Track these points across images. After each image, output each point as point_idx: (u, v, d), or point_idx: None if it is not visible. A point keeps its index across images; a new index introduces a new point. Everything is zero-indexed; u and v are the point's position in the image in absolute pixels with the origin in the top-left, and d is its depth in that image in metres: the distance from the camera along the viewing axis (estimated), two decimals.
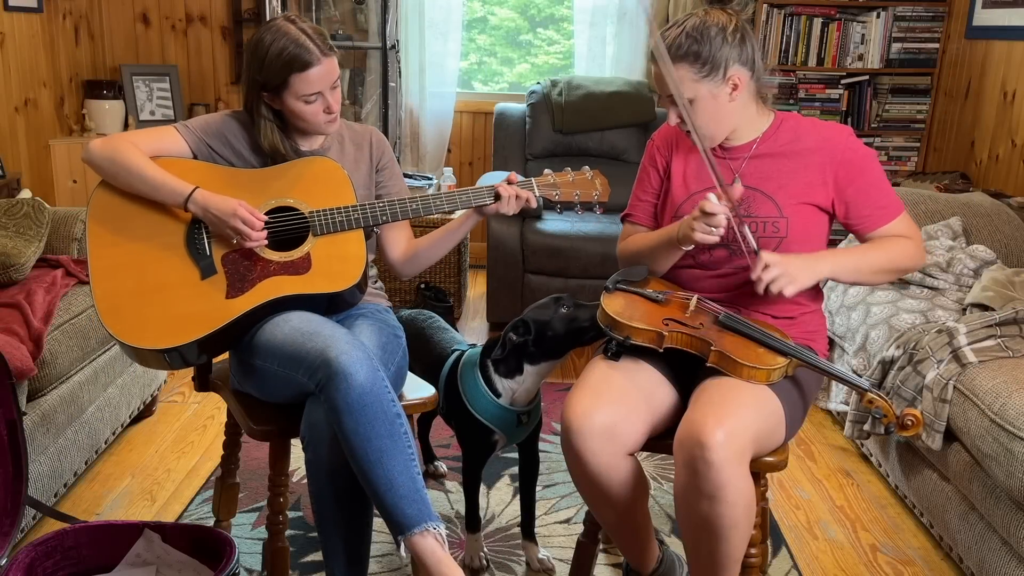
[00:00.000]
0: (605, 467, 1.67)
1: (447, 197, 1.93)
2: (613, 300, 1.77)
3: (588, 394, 1.70)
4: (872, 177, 1.82)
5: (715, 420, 1.56)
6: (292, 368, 1.74)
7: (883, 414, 1.67)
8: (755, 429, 1.61)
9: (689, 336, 1.69)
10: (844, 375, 1.72)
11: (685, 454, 1.58)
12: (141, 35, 4.60)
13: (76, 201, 4.09)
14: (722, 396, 1.62)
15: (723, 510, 1.56)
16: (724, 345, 1.67)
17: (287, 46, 1.83)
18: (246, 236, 1.81)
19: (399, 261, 2.10)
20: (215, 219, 1.83)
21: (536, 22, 5.01)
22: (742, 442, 1.57)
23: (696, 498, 1.58)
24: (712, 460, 1.53)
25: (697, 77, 1.73)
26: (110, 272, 1.85)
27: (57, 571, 1.89)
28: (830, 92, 4.51)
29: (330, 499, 1.75)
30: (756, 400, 1.64)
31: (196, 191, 1.84)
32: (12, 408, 1.94)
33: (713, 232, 1.69)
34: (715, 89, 1.74)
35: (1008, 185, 3.78)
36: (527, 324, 1.98)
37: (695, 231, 1.69)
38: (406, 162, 4.76)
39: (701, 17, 1.74)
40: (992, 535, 2.06)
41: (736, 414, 1.59)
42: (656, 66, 1.76)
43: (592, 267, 3.73)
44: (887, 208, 1.83)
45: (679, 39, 1.72)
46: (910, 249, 1.82)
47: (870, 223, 1.83)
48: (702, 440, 1.54)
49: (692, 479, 1.57)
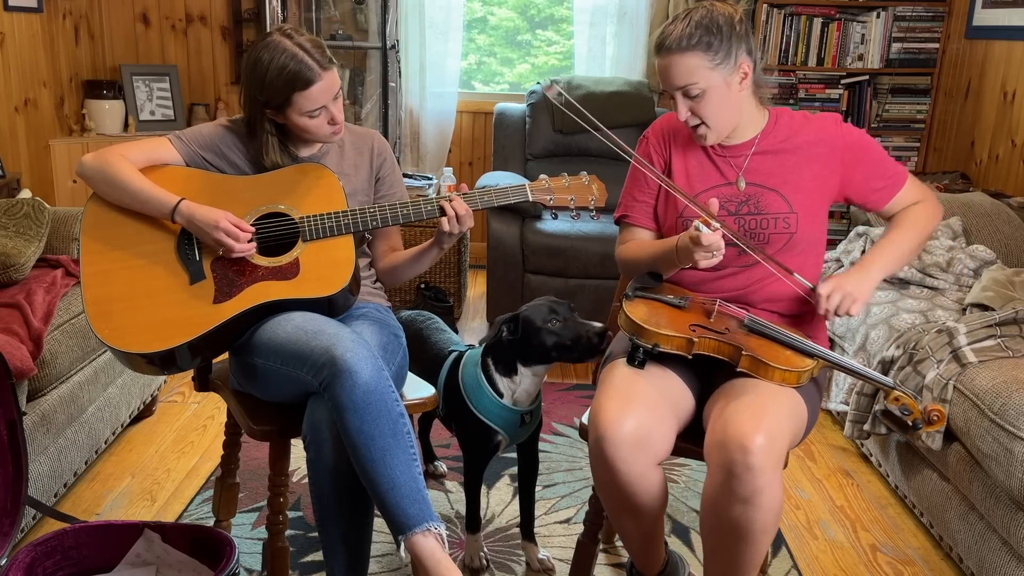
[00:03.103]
0: (636, 476, 1.63)
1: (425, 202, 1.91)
2: (636, 308, 1.74)
3: (617, 401, 1.65)
4: (875, 154, 1.86)
5: (755, 424, 1.53)
6: (295, 366, 1.74)
7: (910, 411, 1.65)
8: (791, 432, 1.60)
9: (718, 342, 1.67)
10: (870, 374, 1.71)
11: (723, 457, 1.54)
12: (141, 35, 4.60)
13: (76, 201, 4.09)
14: (758, 400, 1.60)
15: (756, 515, 1.53)
16: (754, 349, 1.66)
17: (287, 64, 1.83)
18: (230, 248, 1.82)
19: (380, 272, 2.12)
20: (200, 230, 1.83)
21: (536, 22, 5.00)
22: (781, 446, 1.55)
23: (730, 502, 1.55)
24: (753, 464, 1.50)
25: (711, 65, 1.72)
26: (101, 278, 1.86)
27: (57, 571, 1.89)
28: (830, 92, 4.51)
29: (331, 499, 1.75)
30: (790, 403, 1.63)
31: (181, 203, 1.84)
32: (12, 408, 1.94)
33: (714, 256, 1.68)
34: (728, 77, 1.75)
35: (1008, 185, 3.78)
36: (517, 323, 1.99)
37: (699, 260, 1.68)
38: (406, 162, 4.76)
39: (708, 8, 1.75)
40: (992, 535, 2.06)
41: (775, 417, 1.57)
42: (664, 59, 1.74)
43: (592, 267, 3.73)
44: (895, 178, 1.86)
45: (689, 28, 1.72)
46: (928, 211, 1.86)
47: (883, 196, 1.86)
48: (744, 444, 1.51)
49: (727, 482, 1.54)
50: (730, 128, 1.82)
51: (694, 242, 1.65)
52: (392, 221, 1.91)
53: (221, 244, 1.82)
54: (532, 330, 1.97)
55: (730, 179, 1.85)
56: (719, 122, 1.78)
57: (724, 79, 1.74)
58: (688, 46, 1.71)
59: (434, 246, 1.98)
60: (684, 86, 1.73)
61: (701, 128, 1.79)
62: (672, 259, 1.76)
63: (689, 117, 1.77)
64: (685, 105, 1.76)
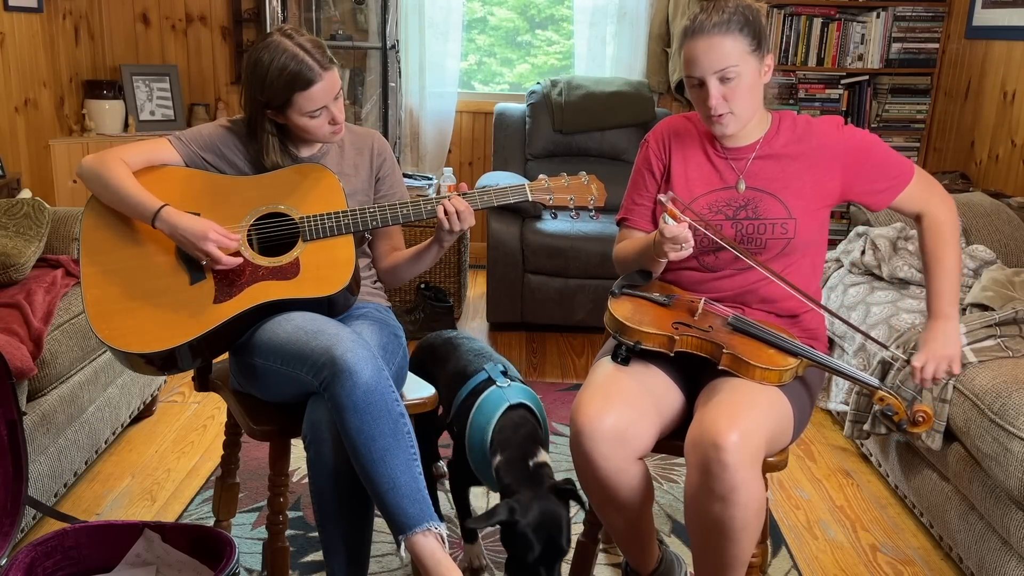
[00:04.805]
0: (615, 471, 1.66)
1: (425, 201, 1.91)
2: (621, 305, 1.76)
3: (598, 397, 1.68)
4: (878, 155, 1.84)
5: (729, 422, 1.55)
6: (296, 366, 1.74)
7: (895, 411, 1.67)
8: (768, 430, 1.61)
9: (700, 339, 1.69)
10: (854, 373, 1.72)
11: (698, 456, 1.57)
12: (141, 35, 4.60)
13: (76, 201, 4.09)
14: (735, 397, 1.62)
15: (735, 512, 1.55)
16: (735, 347, 1.67)
17: (287, 64, 1.83)
18: (217, 260, 1.81)
19: (381, 272, 2.12)
20: (184, 240, 1.82)
21: (536, 22, 5.00)
22: (756, 444, 1.56)
23: (708, 500, 1.57)
24: (727, 462, 1.52)
25: (748, 50, 1.73)
26: (101, 279, 1.86)
27: (57, 571, 1.89)
28: (830, 92, 4.52)
29: (331, 499, 1.75)
30: (768, 401, 1.64)
31: (163, 209, 1.83)
32: (12, 408, 1.94)
33: (683, 248, 1.69)
34: (759, 66, 1.76)
35: (1008, 185, 3.78)
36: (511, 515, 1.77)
37: (668, 252, 1.70)
38: (406, 162, 4.76)
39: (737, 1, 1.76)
40: (992, 535, 2.06)
41: (750, 416, 1.58)
42: (704, 40, 1.72)
43: (592, 267, 3.74)
44: (899, 177, 1.85)
45: (727, 15, 1.73)
46: (942, 216, 1.85)
47: (886, 197, 1.85)
48: (717, 442, 1.53)
49: (705, 481, 1.56)
50: (749, 120, 1.81)
51: (660, 234, 1.68)
52: (392, 221, 1.91)
53: (208, 256, 1.81)
54: (509, 527, 1.78)
55: (729, 183, 1.85)
56: (746, 111, 1.77)
57: (756, 68, 1.76)
58: (730, 29, 1.72)
59: (434, 244, 1.98)
60: (723, 68, 1.72)
61: (727, 117, 1.76)
62: (651, 254, 1.77)
63: (720, 103, 1.74)
64: (719, 91, 1.73)
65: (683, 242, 1.68)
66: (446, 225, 1.88)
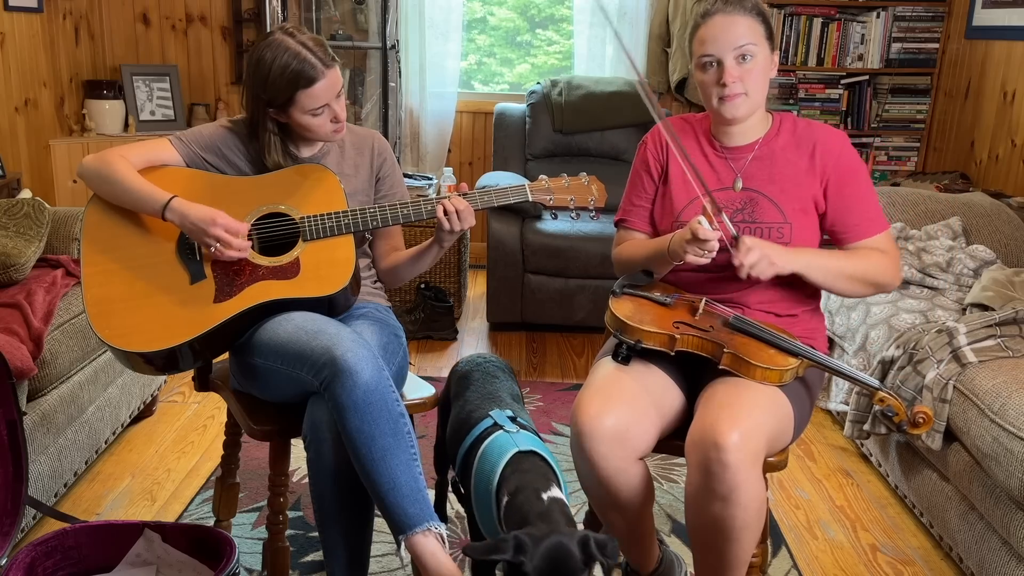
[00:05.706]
0: (615, 471, 1.66)
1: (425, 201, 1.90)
2: (622, 304, 1.76)
3: (598, 397, 1.68)
4: (864, 188, 1.83)
5: (730, 422, 1.55)
6: (296, 366, 1.74)
7: (895, 412, 1.67)
8: (769, 430, 1.61)
9: (701, 339, 1.69)
10: (854, 374, 1.72)
11: (699, 456, 1.57)
12: (141, 35, 4.60)
13: (76, 201, 4.09)
14: (736, 398, 1.62)
15: (735, 512, 1.55)
16: (736, 347, 1.67)
17: (290, 62, 1.83)
18: (227, 244, 1.81)
19: (382, 272, 2.12)
20: (193, 228, 1.82)
21: (536, 22, 5.00)
22: (757, 444, 1.56)
23: (709, 500, 1.57)
24: (727, 462, 1.52)
25: (764, 35, 1.76)
26: (101, 278, 1.87)
27: (57, 571, 1.89)
28: (830, 92, 4.52)
29: (331, 499, 1.75)
30: (769, 401, 1.64)
31: (173, 199, 1.83)
32: (12, 408, 1.94)
33: (705, 255, 1.68)
34: (770, 56, 1.78)
35: (1008, 185, 3.78)
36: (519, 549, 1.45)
37: (687, 253, 1.69)
38: (406, 162, 4.76)
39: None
40: (992, 535, 2.06)
41: (751, 416, 1.58)
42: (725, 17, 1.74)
43: (592, 267, 3.74)
44: (874, 222, 1.83)
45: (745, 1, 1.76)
46: (888, 265, 1.81)
47: (856, 233, 1.83)
48: (718, 442, 1.53)
49: (706, 480, 1.56)
50: (757, 108, 1.81)
51: (693, 235, 1.66)
52: (392, 221, 1.91)
53: (218, 240, 1.80)
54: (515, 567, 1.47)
55: (726, 183, 1.85)
56: (757, 95, 1.78)
57: (768, 56, 1.78)
58: (748, 11, 1.75)
59: (434, 244, 1.98)
60: (742, 45, 1.72)
61: (740, 98, 1.75)
62: (664, 256, 1.77)
63: (735, 82, 1.74)
64: (736, 70, 1.74)
65: (710, 250, 1.67)
66: (446, 225, 1.88)
